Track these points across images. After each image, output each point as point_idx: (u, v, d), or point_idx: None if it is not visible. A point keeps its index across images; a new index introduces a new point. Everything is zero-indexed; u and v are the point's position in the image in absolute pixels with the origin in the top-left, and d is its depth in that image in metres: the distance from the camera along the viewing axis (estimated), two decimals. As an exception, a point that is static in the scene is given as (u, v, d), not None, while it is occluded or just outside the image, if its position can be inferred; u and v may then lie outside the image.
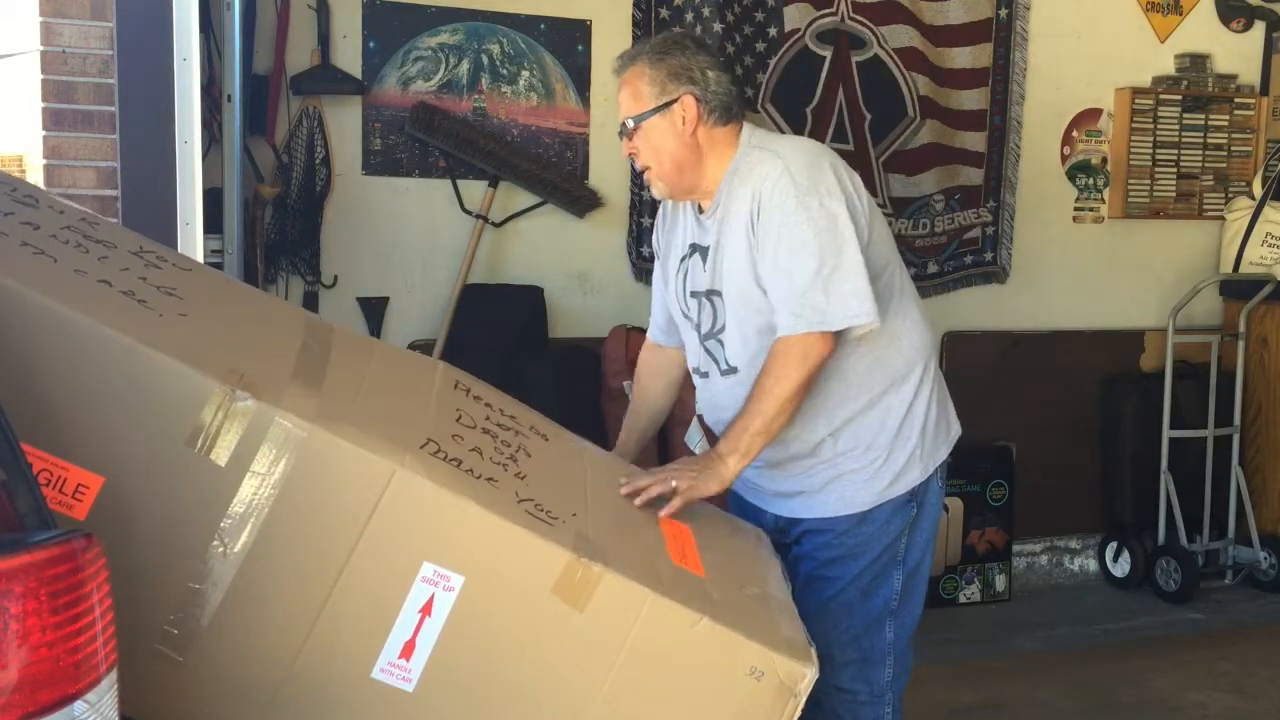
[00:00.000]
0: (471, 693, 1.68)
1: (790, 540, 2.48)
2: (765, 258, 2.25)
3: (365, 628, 1.63)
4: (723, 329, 2.38)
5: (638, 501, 2.11)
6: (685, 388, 4.03)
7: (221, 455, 1.55)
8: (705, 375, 2.46)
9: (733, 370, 2.38)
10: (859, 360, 2.32)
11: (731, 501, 2.55)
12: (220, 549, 1.56)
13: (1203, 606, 4.80)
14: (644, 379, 2.70)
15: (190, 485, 1.56)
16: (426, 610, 1.63)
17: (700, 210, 2.42)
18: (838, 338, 2.25)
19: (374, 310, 4.06)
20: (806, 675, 1.80)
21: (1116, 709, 3.82)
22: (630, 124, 2.34)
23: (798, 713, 1.81)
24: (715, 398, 2.45)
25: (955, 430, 2.52)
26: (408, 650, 1.63)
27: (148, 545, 1.55)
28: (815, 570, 2.42)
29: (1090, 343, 5.08)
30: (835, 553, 2.40)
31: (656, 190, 2.41)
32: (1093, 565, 5.19)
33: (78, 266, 1.62)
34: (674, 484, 2.14)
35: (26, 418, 1.45)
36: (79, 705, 1.16)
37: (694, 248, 2.44)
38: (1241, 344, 5.02)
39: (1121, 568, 5.05)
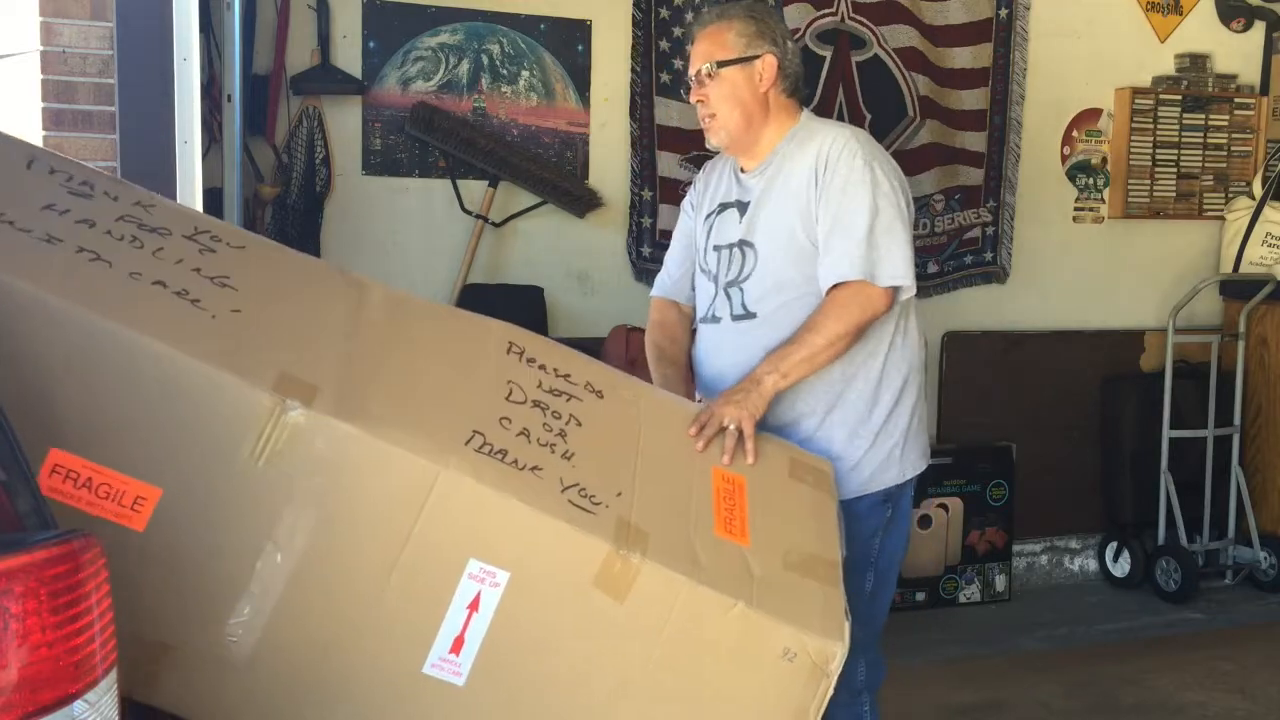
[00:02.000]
0: (518, 684, 1.73)
1: None
2: (827, 209, 2.37)
3: (415, 625, 1.68)
4: (747, 278, 2.47)
5: (699, 446, 2.12)
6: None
7: (274, 463, 1.60)
8: (716, 320, 2.53)
9: (749, 315, 2.46)
10: (865, 341, 2.41)
11: None
12: (275, 555, 1.61)
13: (1203, 606, 4.80)
14: (661, 333, 2.75)
15: (245, 494, 1.60)
16: (474, 606, 1.68)
17: (741, 170, 2.55)
18: (892, 299, 2.37)
19: (374, 310, 4.05)
20: (837, 654, 1.83)
21: (1116, 709, 3.82)
22: (708, 68, 2.45)
23: (830, 691, 1.84)
24: (719, 344, 2.51)
25: (927, 452, 2.58)
26: (457, 645, 1.68)
27: (205, 554, 1.60)
28: None
29: (1090, 343, 5.08)
30: None
31: (716, 139, 2.51)
32: (1093, 565, 5.19)
33: (133, 269, 1.66)
34: (728, 423, 2.16)
35: (86, 433, 1.52)
36: (79, 705, 1.16)
37: (725, 205, 2.55)
38: (1241, 344, 5.01)
39: (1121, 568, 5.05)
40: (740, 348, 2.44)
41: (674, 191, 4.37)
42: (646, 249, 4.37)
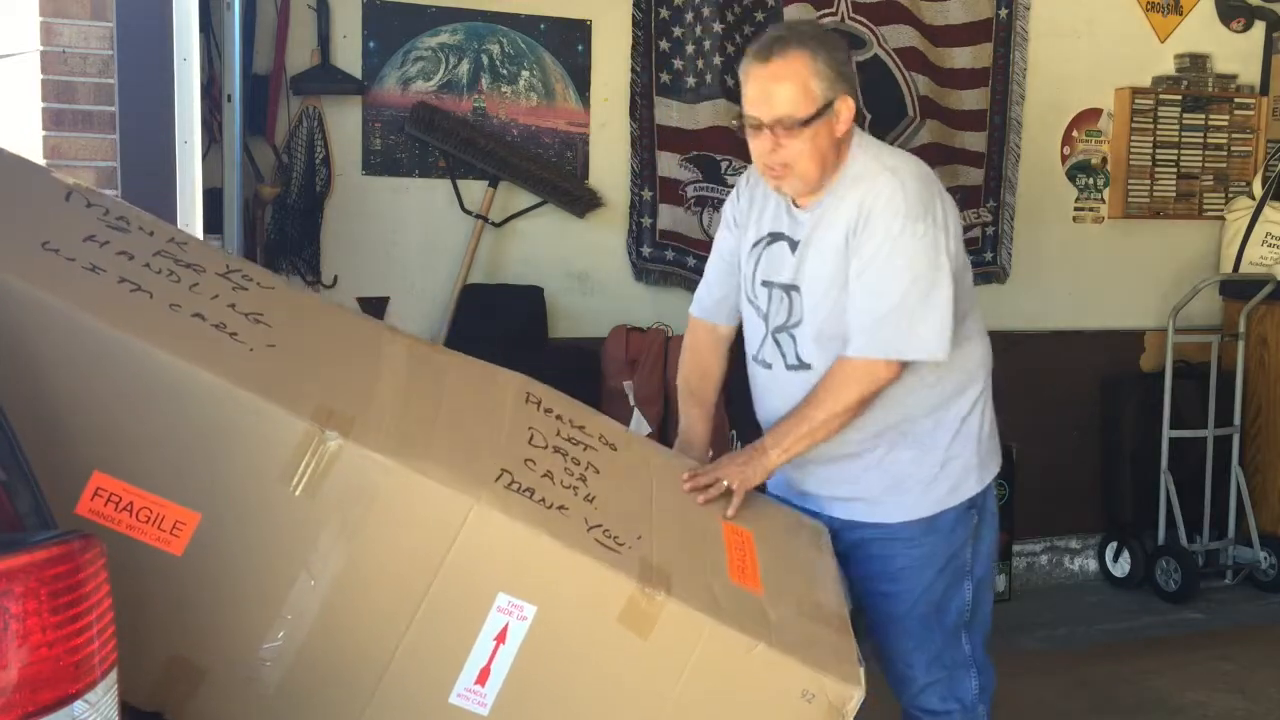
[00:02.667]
0: (541, 716, 1.77)
1: (848, 546, 2.43)
2: (857, 272, 2.23)
3: (443, 655, 1.71)
4: (798, 324, 2.35)
5: (700, 499, 2.18)
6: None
7: (311, 491, 1.63)
8: (768, 367, 2.42)
9: (804, 366, 2.35)
10: (927, 371, 2.31)
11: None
12: (310, 582, 1.65)
13: (1203, 606, 4.80)
14: (699, 357, 2.60)
15: (281, 520, 1.64)
16: (501, 638, 1.71)
17: (795, 203, 2.36)
18: (905, 364, 2.25)
19: (374, 310, 4.05)
20: (854, 697, 1.88)
21: (1116, 709, 3.82)
22: (790, 124, 2.20)
23: None
24: (774, 391, 2.42)
25: (999, 449, 2.52)
26: (483, 676, 1.72)
27: (240, 578, 1.64)
28: (883, 582, 2.41)
29: (1090, 343, 5.08)
30: (903, 562, 2.38)
31: (789, 189, 2.31)
32: (1093, 565, 5.19)
33: (172, 300, 1.70)
34: (726, 483, 2.21)
35: (129, 457, 1.57)
36: (79, 705, 1.16)
37: (776, 236, 2.38)
38: (1241, 344, 5.01)
39: (1121, 568, 5.05)
40: (794, 397, 2.33)
41: (674, 191, 4.37)
42: (646, 249, 4.37)
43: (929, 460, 2.36)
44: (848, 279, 2.25)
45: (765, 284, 2.39)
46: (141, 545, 1.57)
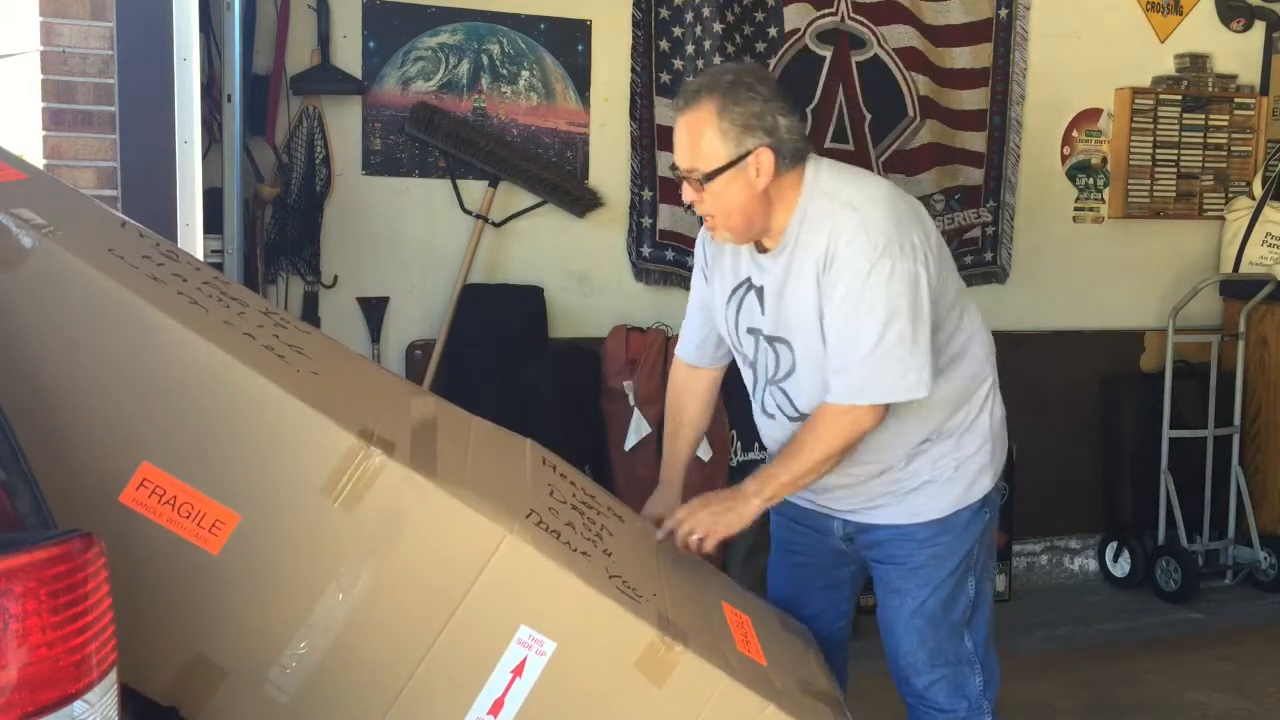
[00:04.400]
0: None
1: (862, 547, 2.44)
2: (830, 317, 2.16)
3: (460, 681, 1.73)
4: (788, 375, 2.29)
5: (680, 546, 2.20)
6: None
7: (350, 505, 1.65)
8: (772, 417, 2.38)
9: (804, 418, 2.29)
10: (935, 388, 2.23)
11: (789, 510, 2.50)
12: (338, 595, 1.66)
13: (1203, 606, 4.80)
14: (679, 402, 2.58)
15: (318, 531, 1.65)
16: (518, 671, 1.73)
17: (761, 249, 2.28)
18: (883, 412, 2.19)
19: (374, 310, 4.06)
20: None
21: (1116, 709, 3.82)
22: (698, 180, 2.16)
23: None
24: (779, 438, 2.38)
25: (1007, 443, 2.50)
26: (496, 707, 1.73)
27: (271, 584, 1.65)
28: (897, 581, 2.40)
29: (1090, 343, 5.08)
30: (918, 561, 2.37)
31: (720, 238, 2.26)
32: (1093, 565, 5.19)
33: (225, 319, 1.73)
34: (695, 535, 2.20)
35: (178, 451, 1.59)
36: (79, 705, 1.16)
37: (745, 284, 2.32)
38: (1241, 344, 5.02)
39: (1121, 568, 5.05)
40: None
41: (674, 192, 4.34)
42: (646, 249, 4.37)
43: (945, 462, 2.34)
44: (822, 324, 2.19)
45: (750, 331, 2.33)
46: (179, 539, 1.59)
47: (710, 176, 2.14)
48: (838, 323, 2.15)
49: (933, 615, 2.39)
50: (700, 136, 2.14)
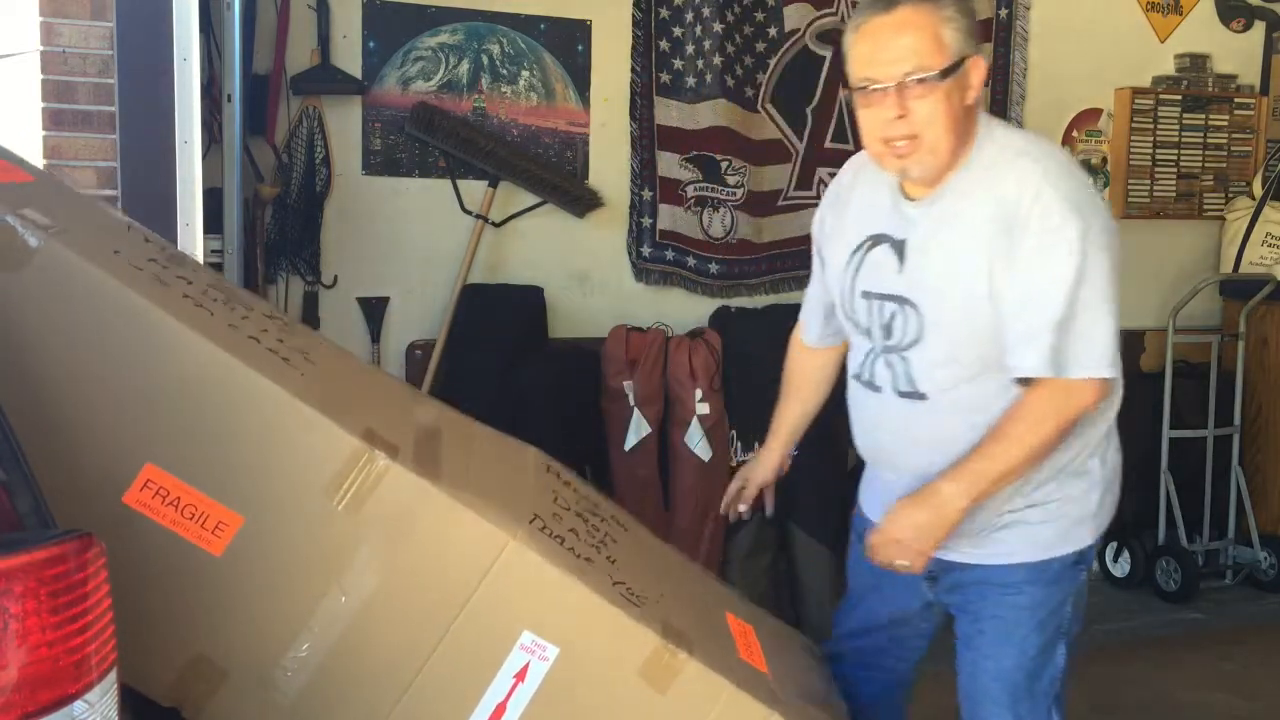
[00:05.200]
0: None
1: (943, 590, 2.21)
2: (1018, 279, 1.93)
3: (462, 686, 1.73)
4: (913, 344, 2.03)
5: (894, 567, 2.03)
6: (684, 386, 3.98)
7: (354, 508, 1.66)
8: (877, 390, 2.11)
9: (918, 395, 2.05)
10: None
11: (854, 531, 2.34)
12: (341, 598, 1.67)
13: (1203, 606, 4.80)
14: (796, 380, 2.42)
15: (321, 534, 1.66)
16: (520, 677, 1.73)
17: (906, 195, 2.03)
18: (1102, 388, 1.98)
19: (374, 310, 4.06)
20: None
21: (1116, 709, 3.82)
22: (921, 78, 1.88)
23: None
24: (883, 421, 2.13)
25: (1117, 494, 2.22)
26: (498, 713, 1.73)
27: (274, 586, 1.66)
28: (978, 635, 2.17)
29: (1090, 343, 5.06)
30: (1004, 610, 2.12)
31: (919, 168, 1.97)
32: (1093, 565, 5.18)
33: (230, 322, 1.74)
34: (901, 566, 2.03)
35: (183, 452, 1.61)
36: (79, 705, 1.16)
37: (878, 239, 2.06)
38: (1241, 344, 5.01)
39: (1121, 568, 5.05)
40: (905, 429, 2.08)
41: (674, 191, 4.37)
42: (646, 249, 4.37)
43: (1045, 502, 2.10)
44: (989, 291, 1.94)
45: (865, 295, 2.08)
46: (182, 541, 1.60)
47: (945, 73, 1.89)
48: (1025, 279, 1.92)
49: (1015, 686, 2.13)
50: (925, 33, 1.89)
